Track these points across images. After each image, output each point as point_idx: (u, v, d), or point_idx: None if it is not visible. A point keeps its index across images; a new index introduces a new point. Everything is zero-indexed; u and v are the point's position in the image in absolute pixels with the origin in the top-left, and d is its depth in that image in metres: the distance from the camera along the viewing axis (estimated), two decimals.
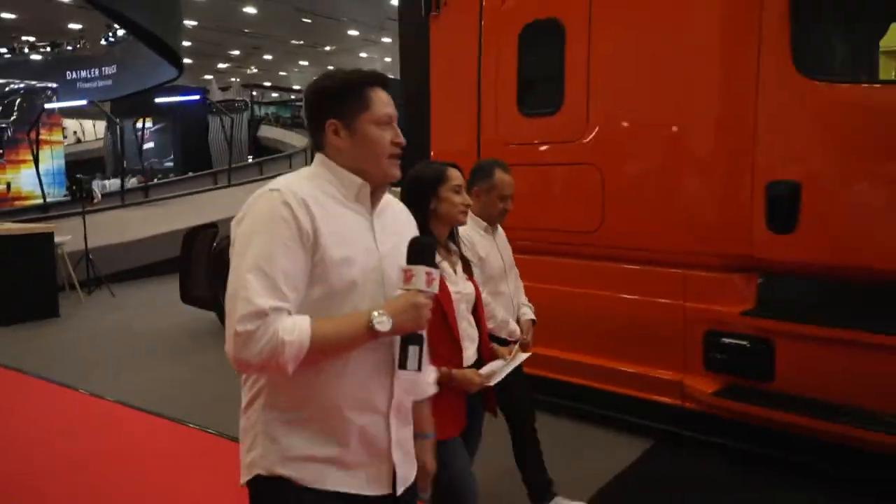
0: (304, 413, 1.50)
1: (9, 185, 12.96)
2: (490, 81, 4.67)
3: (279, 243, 1.43)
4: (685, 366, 3.96)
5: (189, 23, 28.46)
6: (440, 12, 4.94)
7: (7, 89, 15.60)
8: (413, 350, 1.53)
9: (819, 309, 3.71)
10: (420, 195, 2.32)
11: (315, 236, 1.46)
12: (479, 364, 2.44)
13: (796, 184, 3.52)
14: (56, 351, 6.62)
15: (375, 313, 1.47)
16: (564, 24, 4.31)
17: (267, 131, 26.94)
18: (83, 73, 26.90)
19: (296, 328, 1.39)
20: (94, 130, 33.69)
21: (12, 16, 27.53)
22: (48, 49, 27.66)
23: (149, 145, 28.90)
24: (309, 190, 1.52)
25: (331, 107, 1.59)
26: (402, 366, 1.53)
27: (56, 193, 15.09)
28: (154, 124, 28.65)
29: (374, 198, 1.62)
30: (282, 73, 39.84)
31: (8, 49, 28.07)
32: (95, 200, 9.19)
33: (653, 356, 4.06)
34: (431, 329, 1.77)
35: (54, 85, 17.14)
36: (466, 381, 2.31)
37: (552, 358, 4.35)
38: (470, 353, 2.39)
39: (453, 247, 2.46)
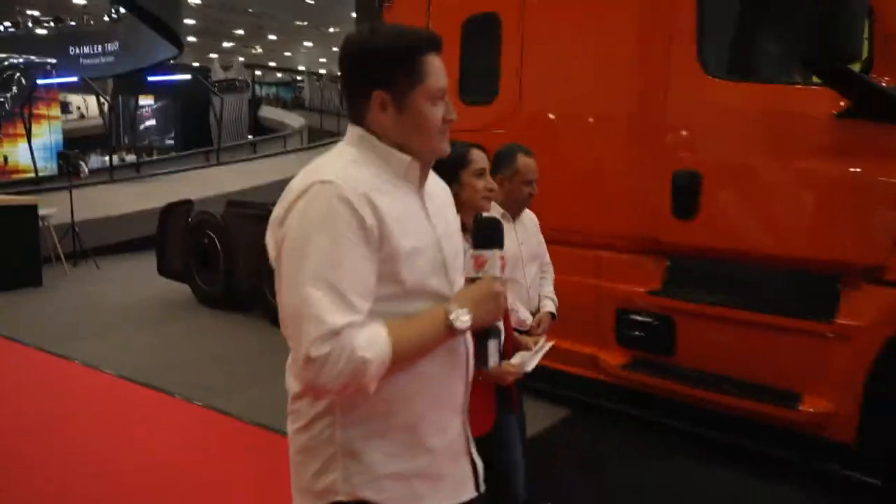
0: (387, 424, 1.36)
1: (6, 158, 13.25)
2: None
3: (343, 246, 1.26)
4: (599, 341, 4.26)
5: (193, 0, 28.71)
6: (392, 3, 5.20)
7: (6, 64, 15.85)
8: (493, 345, 1.42)
9: (722, 290, 3.99)
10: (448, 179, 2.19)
11: (380, 230, 1.30)
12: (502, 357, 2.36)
13: (697, 174, 3.79)
14: (35, 317, 6.97)
15: (453, 309, 1.35)
16: (501, 19, 4.57)
17: (268, 112, 27.17)
18: (86, 49, 27.14)
19: (375, 343, 1.25)
20: (97, 107, 33.97)
21: None
22: (52, 24, 27.91)
23: (150, 122, 29.26)
24: (362, 176, 1.34)
25: (379, 75, 1.36)
26: (484, 363, 1.44)
27: (53, 168, 15.37)
28: (156, 102, 28.98)
29: (422, 174, 1.45)
30: (287, 54, 40.04)
31: (12, 23, 28.34)
32: (83, 175, 9.48)
33: (571, 331, 4.34)
34: None
35: (53, 60, 17.38)
36: (501, 374, 2.11)
37: None
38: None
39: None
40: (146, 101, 29.31)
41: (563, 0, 4.33)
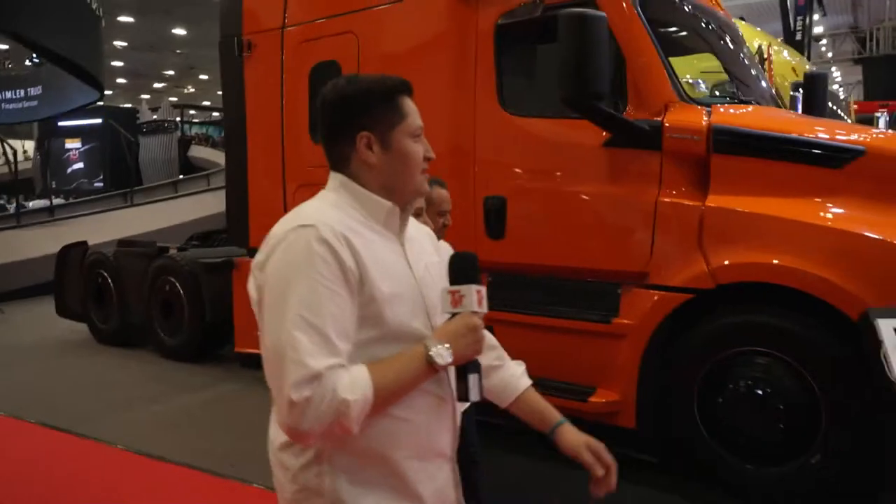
0: (376, 472, 1.36)
1: None
2: (290, 112, 5.39)
3: (322, 288, 1.27)
4: None
5: (119, 44, 28.77)
6: (251, 53, 5.65)
7: None
8: (473, 379, 1.41)
9: (531, 300, 4.46)
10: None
11: (360, 273, 1.32)
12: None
13: (503, 198, 4.31)
14: None
15: (432, 346, 1.35)
16: (340, 66, 5.06)
17: (197, 151, 27.25)
18: (8, 94, 26.84)
19: (356, 384, 1.26)
20: (25, 151, 33.49)
21: None
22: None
23: (78, 165, 29.02)
24: (342, 220, 1.37)
25: (363, 117, 1.43)
26: (464, 398, 1.42)
27: None
28: (83, 145, 28.80)
29: (402, 220, 1.49)
30: (219, 93, 40.19)
31: None
32: None
33: None
34: None
35: None
36: None
37: None
38: None
39: None
40: (73, 144, 29.09)
41: (391, 50, 4.84)
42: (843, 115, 8.92)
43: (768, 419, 3.47)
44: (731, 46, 4.61)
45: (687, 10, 4.35)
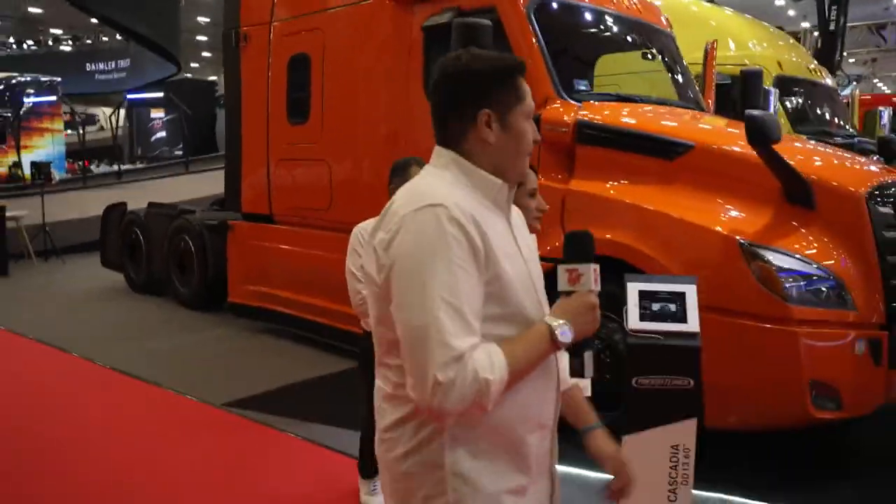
0: (493, 444, 1.39)
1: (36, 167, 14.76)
2: (274, 97, 6.24)
3: (458, 269, 1.29)
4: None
5: (202, 19, 30.47)
6: (247, 44, 6.52)
7: (13, 82, 17.57)
8: (588, 356, 1.45)
9: None
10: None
11: (486, 252, 1.33)
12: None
13: None
14: None
15: (554, 323, 1.37)
16: (311, 59, 5.86)
17: None
18: (100, 66, 29.09)
19: (494, 364, 1.29)
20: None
21: (39, 10, 29.95)
22: (70, 42, 29.94)
23: (161, 134, 31.09)
24: (466, 198, 1.37)
25: (487, 95, 1.41)
26: (579, 374, 1.47)
27: (56, 177, 16.85)
28: (166, 115, 30.81)
29: (509, 199, 1.49)
30: None
31: (34, 41, 30.46)
32: (54, 181, 10.95)
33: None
34: None
35: (58, 79, 19.10)
36: None
37: (291, 299, 5.97)
38: None
39: None
40: (157, 114, 31.14)
41: (349, 45, 5.60)
42: (830, 110, 9.01)
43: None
44: (639, 48, 5.14)
45: (587, 16, 4.91)
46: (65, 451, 4.07)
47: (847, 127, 9.11)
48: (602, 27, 5.03)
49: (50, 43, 30.22)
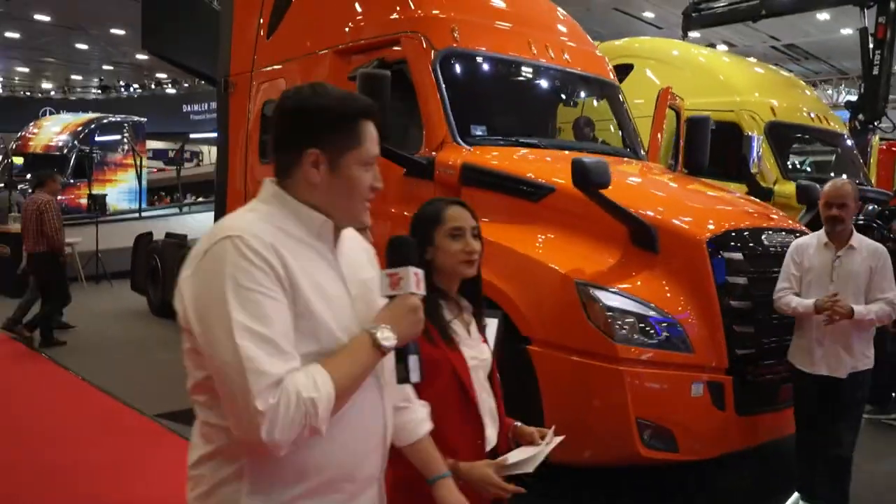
0: (293, 493, 1.33)
1: (93, 198, 16.13)
2: (251, 138, 6.81)
3: (260, 296, 1.25)
4: None
5: None
6: (234, 90, 7.16)
7: (105, 121, 19.35)
8: (413, 360, 1.42)
9: None
10: (419, 241, 1.84)
11: (291, 284, 1.30)
12: (495, 452, 1.96)
13: None
14: None
15: (376, 329, 1.35)
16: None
17: None
18: (195, 107, 31.34)
19: (316, 381, 1.25)
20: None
21: (145, 58, 32.77)
22: (170, 86, 32.50)
23: None
24: (270, 231, 1.33)
25: (316, 133, 1.37)
26: (405, 379, 1.43)
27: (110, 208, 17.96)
28: None
29: (336, 233, 1.44)
30: None
31: (140, 85, 33.27)
32: (108, 212, 12.04)
33: None
34: (446, 408, 1.67)
35: (143, 119, 20.87)
36: (482, 480, 1.80)
37: None
38: (491, 432, 1.96)
39: (465, 303, 2.07)
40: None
41: None
42: (835, 157, 8.75)
43: None
44: (545, 94, 5.36)
45: (494, 67, 5.17)
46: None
47: (859, 175, 8.81)
48: (511, 77, 5.28)
49: (152, 87, 32.88)
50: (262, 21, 6.79)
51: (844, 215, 3.58)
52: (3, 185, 15.43)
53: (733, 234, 3.91)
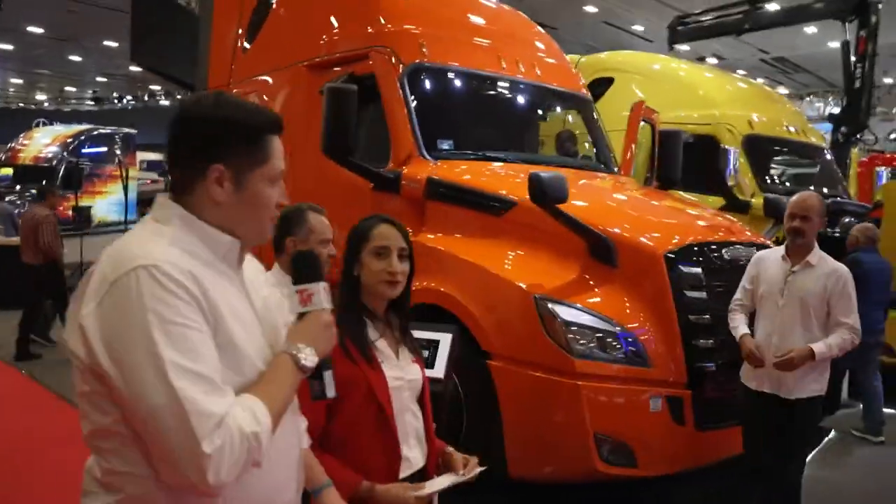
0: None
1: (78, 210, 16.09)
2: None
3: (186, 329, 1.18)
4: None
5: None
6: None
7: (94, 133, 19.38)
8: (328, 375, 1.40)
9: None
10: (348, 256, 1.95)
11: (214, 315, 1.24)
12: (423, 473, 1.96)
13: None
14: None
15: (297, 350, 1.31)
16: None
17: None
18: None
19: (255, 413, 1.21)
20: None
21: (139, 70, 32.89)
22: (164, 97, 32.59)
23: None
24: (183, 258, 1.25)
25: (221, 149, 1.30)
26: (321, 396, 1.40)
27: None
28: None
29: (241, 255, 1.39)
30: None
31: (133, 97, 33.36)
32: (94, 223, 12.03)
33: None
34: (361, 427, 1.67)
35: (134, 131, 20.94)
36: (396, 500, 1.79)
37: None
38: (416, 454, 1.95)
39: (396, 320, 2.04)
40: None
41: (276, 104, 6.09)
42: (815, 170, 8.78)
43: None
44: (514, 109, 5.38)
45: (462, 81, 5.18)
46: None
47: (838, 188, 8.84)
48: (480, 91, 5.29)
49: (146, 98, 32.98)
50: (240, 34, 6.81)
51: (806, 228, 3.47)
52: None
53: (693, 248, 3.91)
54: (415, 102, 4.80)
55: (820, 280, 3.47)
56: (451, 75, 5.14)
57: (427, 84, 5.01)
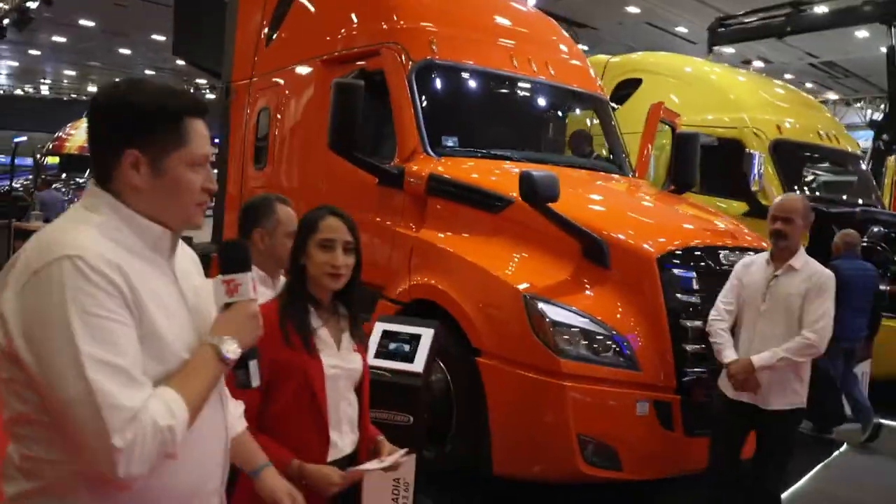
0: None
1: None
2: (248, 145, 6.93)
3: (108, 321, 1.17)
4: None
5: None
6: (234, 97, 7.30)
7: None
8: (253, 365, 1.41)
9: None
10: (294, 247, 2.01)
11: (136, 304, 1.23)
12: (353, 458, 2.03)
13: None
14: None
15: (220, 342, 1.31)
16: (271, 112, 6.49)
17: None
18: None
19: (171, 406, 1.21)
20: None
21: (184, 63, 33.57)
22: (209, 91, 33.17)
23: None
24: (111, 248, 1.23)
25: (134, 133, 1.28)
26: (246, 385, 1.42)
27: None
28: None
29: (172, 243, 1.39)
30: None
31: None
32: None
33: None
34: (293, 412, 1.70)
35: None
36: (323, 480, 1.86)
37: None
38: (346, 441, 2.01)
39: (343, 310, 2.07)
40: None
41: (296, 96, 6.18)
42: (848, 178, 8.52)
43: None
44: (523, 107, 5.35)
45: (471, 79, 5.18)
46: None
47: (871, 196, 8.57)
48: (488, 89, 5.28)
49: (192, 91, 33.61)
50: (264, 28, 6.92)
51: (788, 231, 3.34)
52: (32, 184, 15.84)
53: (688, 251, 3.85)
54: (422, 99, 4.81)
55: (802, 284, 3.35)
56: (459, 73, 5.14)
57: (435, 81, 5.02)
